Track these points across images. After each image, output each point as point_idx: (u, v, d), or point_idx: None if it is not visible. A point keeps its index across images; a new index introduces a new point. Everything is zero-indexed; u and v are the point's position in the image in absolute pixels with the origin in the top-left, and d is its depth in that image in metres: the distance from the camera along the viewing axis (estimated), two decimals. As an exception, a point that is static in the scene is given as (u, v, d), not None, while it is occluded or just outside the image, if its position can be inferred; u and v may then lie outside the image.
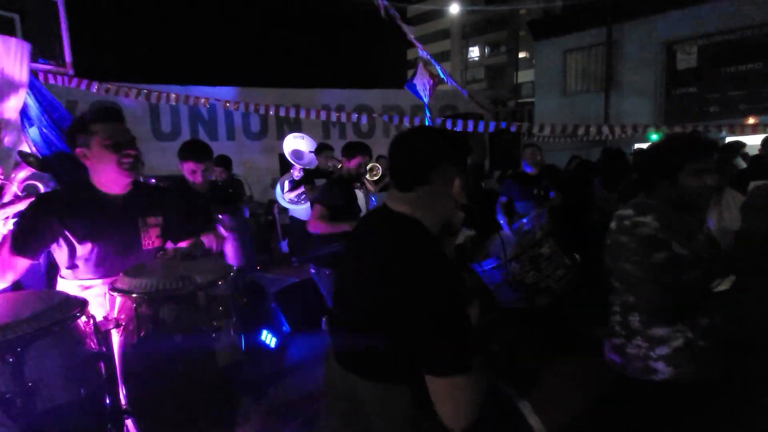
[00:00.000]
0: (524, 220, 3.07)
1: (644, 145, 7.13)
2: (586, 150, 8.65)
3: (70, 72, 5.08)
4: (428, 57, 7.45)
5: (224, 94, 8.80)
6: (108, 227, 1.45)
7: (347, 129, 10.41)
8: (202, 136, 9.14)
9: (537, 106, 12.72)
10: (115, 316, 1.15)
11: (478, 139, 7.17)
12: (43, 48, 4.74)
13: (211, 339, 1.19)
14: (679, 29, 10.03)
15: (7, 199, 2.93)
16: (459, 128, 6.00)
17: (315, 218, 2.60)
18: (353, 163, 2.79)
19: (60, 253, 1.42)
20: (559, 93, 12.02)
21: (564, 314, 3.24)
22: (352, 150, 2.82)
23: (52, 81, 5.02)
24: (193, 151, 2.54)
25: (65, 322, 0.95)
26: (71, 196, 1.46)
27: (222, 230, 2.92)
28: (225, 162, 4.57)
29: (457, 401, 0.85)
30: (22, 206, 3.25)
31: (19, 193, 3.26)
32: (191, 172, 2.48)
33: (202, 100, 6.33)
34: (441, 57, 37.41)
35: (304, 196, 5.11)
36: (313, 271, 2.76)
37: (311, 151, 5.23)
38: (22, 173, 3.47)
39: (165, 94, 5.70)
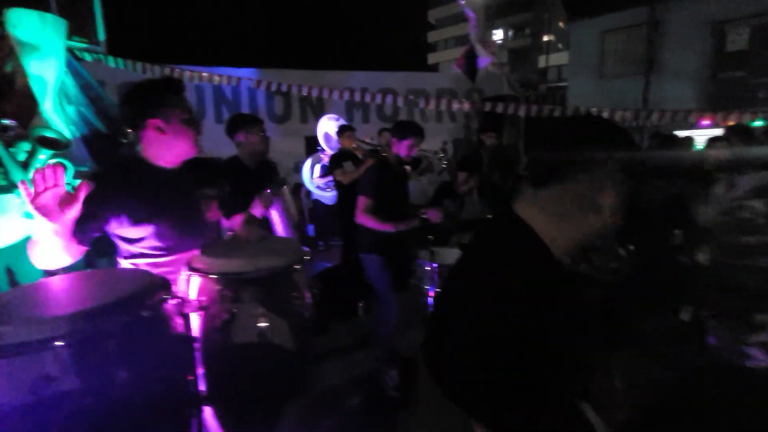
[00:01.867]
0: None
1: (687, 133, 6.77)
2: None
3: (104, 50, 5.05)
4: (475, 35, 7.10)
5: (247, 75, 8.71)
6: (168, 201, 1.40)
7: (371, 112, 10.21)
8: (226, 118, 9.14)
9: (570, 90, 12.21)
10: (196, 297, 1.07)
11: (514, 124, 6.90)
12: (77, 25, 4.69)
13: (291, 323, 1.11)
14: (729, 8, 9.39)
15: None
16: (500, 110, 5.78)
17: (361, 211, 2.48)
18: (404, 145, 2.57)
19: (121, 230, 1.37)
20: (595, 76, 11.49)
21: (613, 307, 3.09)
22: (403, 130, 2.60)
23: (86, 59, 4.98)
24: (249, 118, 2.61)
25: (155, 305, 0.88)
26: (127, 171, 1.40)
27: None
28: (261, 142, 4.50)
29: None
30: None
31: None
32: (247, 139, 2.47)
33: (254, 82, 6.26)
34: (462, 40, 36.39)
35: (333, 183, 5.02)
36: (362, 256, 2.66)
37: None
38: (45, 154, 3.48)
39: (207, 75, 5.63)
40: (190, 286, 1.12)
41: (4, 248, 2.74)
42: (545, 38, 26.09)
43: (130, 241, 1.37)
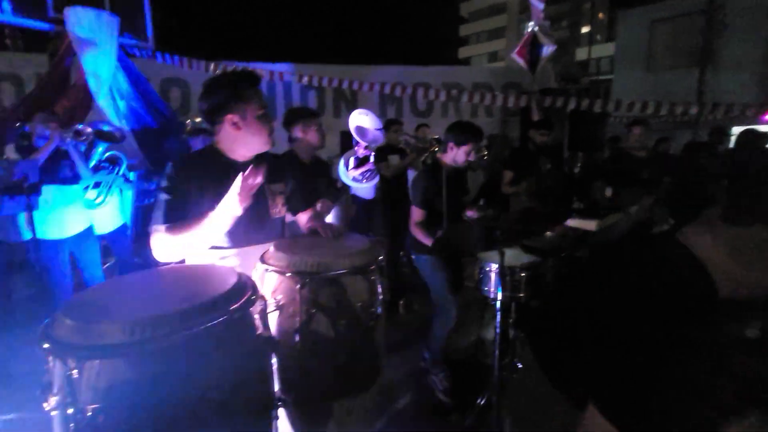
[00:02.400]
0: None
1: (747, 128, 6.26)
2: (669, 132, 7.75)
3: (151, 47, 5.20)
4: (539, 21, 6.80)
5: (282, 70, 8.78)
6: None
7: (404, 107, 10.08)
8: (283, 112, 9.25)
9: (616, 82, 11.59)
10: (272, 295, 1.04)
11: (558, 118, 6.58)
12: (127, 22, 4.85)
13: (369, 324, 1.06)
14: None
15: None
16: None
17: (414, 223, 2.42)
18: (462, 151, 2.34)
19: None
20: (643, 68, 10.86)
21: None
22: (462, 134, 2.33)
23: (136, 55, 5.15)
24: (306, 111, 2.54)
25: (244, 306, 0.84)
26: (203, 161, 1.39)
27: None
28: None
29: None
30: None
31: (103, 164, 3.40)
32: (305, 132, 2.42)
33: (296, 76, 6.34)
34: (495, 34, 35.44)
35: (369, 173, 5.00)
36: (415, 257, 2.58)
37: (378, 129, 5.07)
38: (102, 146, 3.62)
39: (251, 70, 5.75)
40: (264, 283, 1.09)
41: (69, 236, 2.86)
42: (584, 30, 24.99)
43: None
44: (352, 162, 5.94)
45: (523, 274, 1.85)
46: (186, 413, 0.80)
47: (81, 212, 2.92)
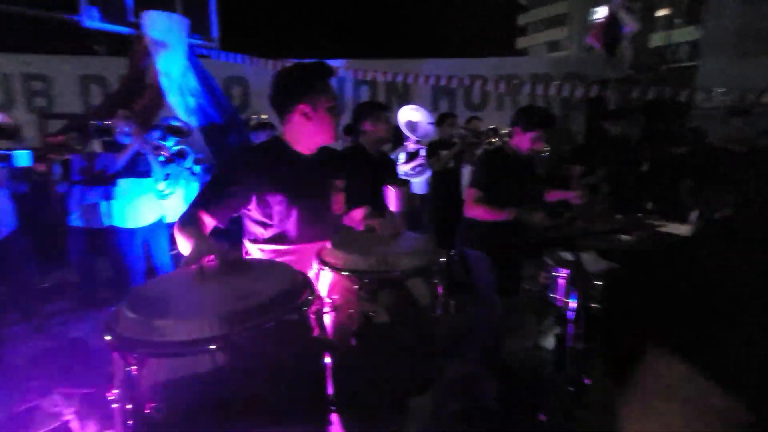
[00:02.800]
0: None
1: None
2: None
3: (216, 46, 5.48)
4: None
5: (335, 65, 8.90)
6: (303, 188, 1.36)
7: (458, 101, 9.81)
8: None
9: (702, 70, 10.37)
10: (328, 295, 1.00)
11: (633, 110, 5.98)
12: (195, 23, 5.14)
13: (427, 328, 0.98)
14: None
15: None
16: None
17: (470, 202, 2.22)
18: (527, 137, 2.17)
19: (252, 213, 1.36)
20: (733, 54, 9.61)
21: None
22: (530, 118, 2.17)
23: (203, 54, 5.44)
24: (376, 105, 2.54)
25: (301, 308, 0.80)
26: (267, 152, 1.38)
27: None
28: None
29: None
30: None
31: (173, 157, 3.61)
32: (374, 125, 2.40)
33: (359, 73, 6.43)
34: (555, 22, 33.37)
35: (419, 168, 4.90)
36: (467, 252, 2.44)
37: (430, 123, 4.93)
38: (172, 140, 3.87)
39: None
40: (319, 281, 1.06)
41: (143, 226, 3.11)
42: (661, 12, 22.68)
43: (261, 224, 1.34)
44: (402, 157, 5.86)
45: (599, 282, 1.66)
46: (240, 413, 0.77)
47: (153, 204, 3.14)
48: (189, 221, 1.18)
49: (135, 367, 0.65)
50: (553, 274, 1.74)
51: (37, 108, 7.31)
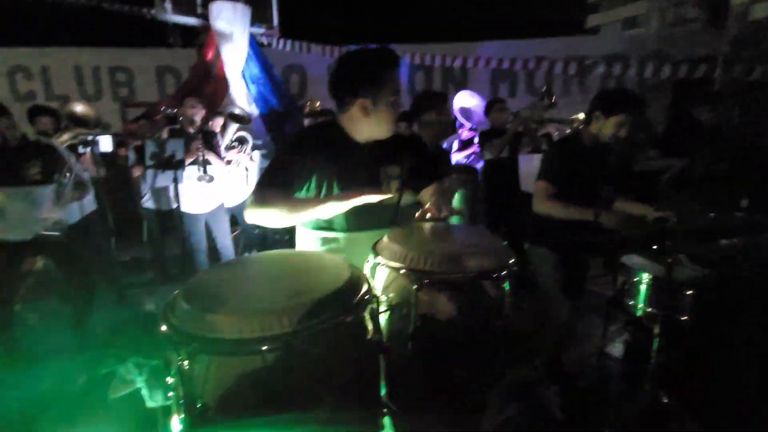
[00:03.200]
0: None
1: None
2: None
3: (277, 34, 5.60)
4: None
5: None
6: (356, 173, 1.30)
7: (519, 85, 9.23)
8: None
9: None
10: (384, 293, 0.93)
11: (732, 93, 5.16)
12: (257, 12, 5.27)
13: (492, 336, 0.89)
14: None
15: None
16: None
17: (540, 197, 2.01)
18: (611, 123, 1.89)
19: (308, 197, 1.30)
20: None
21: None
22: (615, 101, 1.89)
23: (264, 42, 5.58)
24: (442, 96, 2.46)
25: (357, 308, 0.74)
26: (321, 136, 1.32)
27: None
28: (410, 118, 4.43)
29: None
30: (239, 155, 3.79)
31: (233, 144, 3.76)
32: (440, 117, 2.33)
33: (417, 57, 6.32)
34: (633, -6, 30.07)
35: (473, 156, 4.67)
36: (526, 246, 2.26)
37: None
38: (233, 127, 4.02)
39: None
40: (375, 277, 0.99)
41: (206, 212, 3.29)
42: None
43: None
44: (455, 145, 5.65)
45: (689, 292, 1.42)
46: (292, 413, 0.74)
47: (216, 190, 3.29)
48: (262, 200, 1.17)
49: (186, 362, 0.63)
50: (634, 279, 1.53)
51: (121, 98, 8.05)
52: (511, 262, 0.94)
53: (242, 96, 4.79)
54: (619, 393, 2.25)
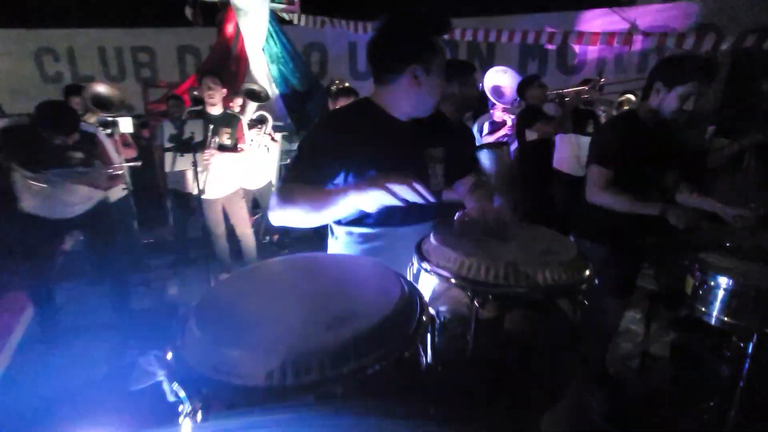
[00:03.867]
0: None
1: None
2: None
3: (297, 10, 5.36)
4: None
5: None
6: (398, 158, 1.12)
7: (549, 62, 8.69)
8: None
9: None
10: (433, 304, 0.77)
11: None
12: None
13: (564, 362, 0.72)
14: None
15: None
16: None
17: (597, 186, 1.74)
18: (675, 95, 1.62)
19: (338, 182, 1.13)
20: None
21: None
22: (680, 69, 1.63)
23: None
24: (465, 65, 2.15)
25: (414, 341, 0.57)
26: (358, 116, 1.15)
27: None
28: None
29: None
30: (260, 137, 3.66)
31: (252, 123, 3.62)
32: (463, 88, 2.05)
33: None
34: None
35: (506, 138, 4.39)
36: (572, 239, 2.03)
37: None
38: (252, 105, 3.87)
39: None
40: (420, 283, 0.83)
41: (222, 196, 3.20)
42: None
43: None
44: (486, 127, 5.35)
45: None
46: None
47: (233, 175, 3.18)
48: (288, 198, 1.02)
49: (200, 413, 0.49)
50: (710, 283, 1.32)
51: (143, 78, 8.04)
52: (591, 273, 0.76)
53: (263, 75, 4.63)
54: (670, 403, 2.06)
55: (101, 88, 2.91)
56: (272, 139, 3.73)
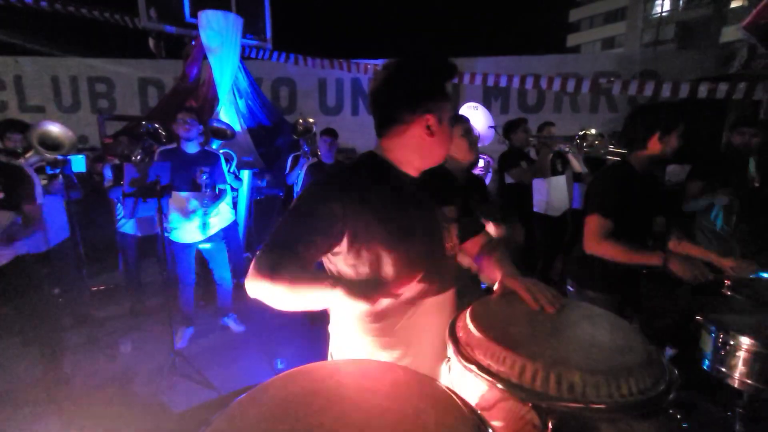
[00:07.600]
0: None
1: None
2: None
3: (270, 47, 5.30)
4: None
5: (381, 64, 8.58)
6: (412, 220, 0.99)
7: (511, 102, 9.18)
8: (362, 111, 9.14)
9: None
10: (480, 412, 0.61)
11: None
12: (249, 23, 4.97)
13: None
14: None
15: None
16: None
17: (596, 236, 1.69)
18: (673, 139, 1.69)
19: (340, 256, 0.98)
20: None
21: None
22: (670, 114, 1.70)
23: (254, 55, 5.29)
24: (459, 117, 2.04)
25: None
26: (367, 175, 1.00)
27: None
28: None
29: None
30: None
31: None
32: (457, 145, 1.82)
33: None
34: (613, 17, 31.20)
35: (482, 173, 4.38)
36: (571, 289, 1.95)
37: (490, 126, 4.40)
38: (216, 144, 3.67)
39: (365, 65, 5.49)
40: (455, 381, 0.67)
41: (196, 241, 2.90)
42: (735, 3, 20.49)
43: (345, 264, 0.97)
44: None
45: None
46: None
47: (211, 217, 2.92)
48: (272, 269, 0.86)
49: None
50: (730, 343, 1.26)
51: (99, 109, 7.59)
52: (674, 382, 0.61)
53: (231, 110, 4.46)
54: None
55: (52, 128, 2.58)
56: (236, 177, 3.52)
